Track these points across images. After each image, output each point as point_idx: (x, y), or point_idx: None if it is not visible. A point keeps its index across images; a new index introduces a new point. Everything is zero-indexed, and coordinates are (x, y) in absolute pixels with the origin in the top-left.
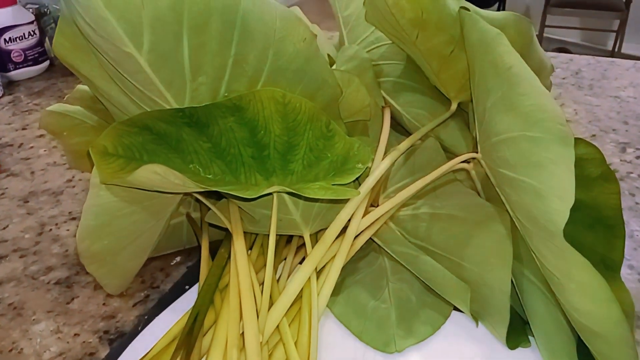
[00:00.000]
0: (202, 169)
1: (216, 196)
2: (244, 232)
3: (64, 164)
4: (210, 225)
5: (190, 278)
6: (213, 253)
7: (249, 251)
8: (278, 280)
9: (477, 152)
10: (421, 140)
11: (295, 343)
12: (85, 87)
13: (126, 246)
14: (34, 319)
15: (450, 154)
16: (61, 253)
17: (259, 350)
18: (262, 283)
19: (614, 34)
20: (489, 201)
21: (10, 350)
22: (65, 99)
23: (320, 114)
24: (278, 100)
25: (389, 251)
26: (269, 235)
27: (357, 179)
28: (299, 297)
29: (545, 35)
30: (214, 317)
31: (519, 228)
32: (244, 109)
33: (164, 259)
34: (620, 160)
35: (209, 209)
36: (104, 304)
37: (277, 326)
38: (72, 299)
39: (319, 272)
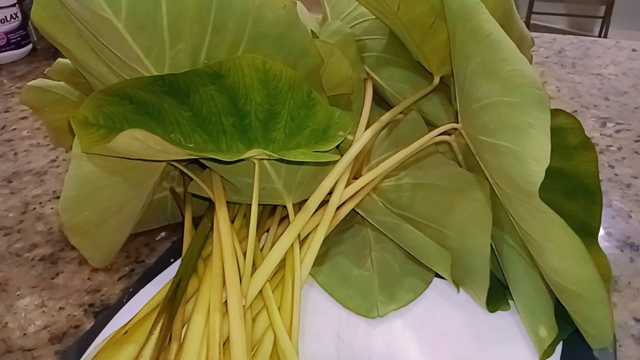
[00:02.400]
0: (184, 138)
1: (199, 168)
2: (227, 203)
3: (48, 144)
4: (194, 196)
5: (175, 252)
6: (197, 227)
7: (232, 222)
8: (261, 251)
9: (457, 123)
10: (404, 114)
11: (279, 309)
12: (66, 60)
13: (108, 218)
14: (18, 295)
15: (432, 127)
16: (45, 231)
17: (241, 313)
18: (245, 252)
19: (600, 20)
20: (470, 171)
21: None
22: (45, 72)
23: (302, 82)
24: (258, 68)
25: (371, 222)
26: (251, 205)
27: (337, 146)
28: (282, 265)
29: (532, 22)
30: (197, 284)
31: (498, 194)
32: (224, 77)
33: (149, 234)
34: (601, 135)
35: (192, 180)
36: (88, 278)
37: (260, 291)
38: (57, 274)
39: (302, 242)
